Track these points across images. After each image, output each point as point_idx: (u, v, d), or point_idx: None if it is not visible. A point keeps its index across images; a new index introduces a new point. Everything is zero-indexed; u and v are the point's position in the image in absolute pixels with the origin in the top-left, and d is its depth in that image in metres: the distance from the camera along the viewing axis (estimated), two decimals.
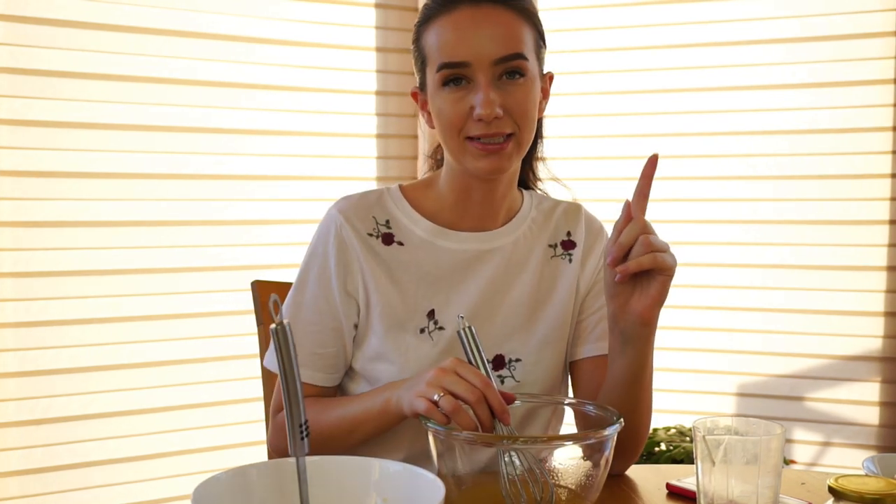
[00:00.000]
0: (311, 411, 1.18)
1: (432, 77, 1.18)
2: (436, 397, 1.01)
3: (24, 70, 2.17)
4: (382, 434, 1.17)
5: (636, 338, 1.14)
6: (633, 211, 1.10)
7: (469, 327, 1.07)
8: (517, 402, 1.16)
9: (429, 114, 1.22)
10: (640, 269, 1.08)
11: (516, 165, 1.25)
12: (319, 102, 2.55)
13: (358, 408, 1.16)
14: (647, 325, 1.13)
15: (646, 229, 1.09)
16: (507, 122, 1.16)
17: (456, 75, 1.15)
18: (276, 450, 1.26)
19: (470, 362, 1.06)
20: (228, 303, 2.41)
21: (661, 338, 2.77)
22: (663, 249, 1.09)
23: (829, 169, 2.50)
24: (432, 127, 1.23)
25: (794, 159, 2.52)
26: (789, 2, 2.50)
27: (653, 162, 1.11)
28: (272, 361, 1.28)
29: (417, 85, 1.24)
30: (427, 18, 1.20)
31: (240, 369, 2.41)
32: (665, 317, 1.16)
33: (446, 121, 1.17)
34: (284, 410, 0.79)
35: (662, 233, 1.11)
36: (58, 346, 2.24)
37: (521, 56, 1.16)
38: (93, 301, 2.28)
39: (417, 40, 1.21)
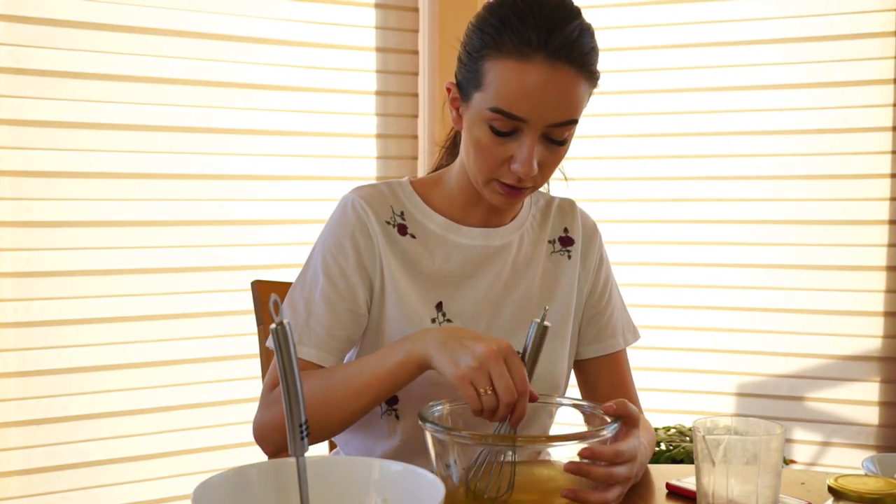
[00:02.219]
0: (311, 381, 1.14)
1: (481, 106, 1.14)
2: (481, 391, 1.00)
3: (24, 70, 2.17)
4: (393, 394, 1.14)
5: None
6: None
7: (545, 325, 1.05)
8: None
9: (458, 112, 1.21)
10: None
11: None
12: (319, 102, 2.55)
13: (368, 366, 1.13)
14: None
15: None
16: (535, 178, 1.16)
17: (507, 124, 1.13)
18: (262, 426, 1.21)
19: (522, 352, 1.06)
20: (228, 303, 2.41)
21: (661, 337, 2.79)
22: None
23: (829, 169, 2.50)
24: (458, 126, 1.23)
25: (795, 159, 2.52)
26: (789, 2, 2.50)
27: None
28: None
29: (456, 83, 1.20)
30: (497, 45, 1.12)
31: (240, 369, 2.41)
32: (665, 316, 1.16)
33: (482, 158, 1.16)
34: (285, 410, 0.79)
35: (662, 233, 1.12)
36: (58, 346, 2.24)
37: (573, 122, 1.15)
38: (93, 301, 2.28)
39: (477, 58, 1.14)
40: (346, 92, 2.59)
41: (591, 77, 1.16)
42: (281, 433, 1.16)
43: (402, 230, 1.26)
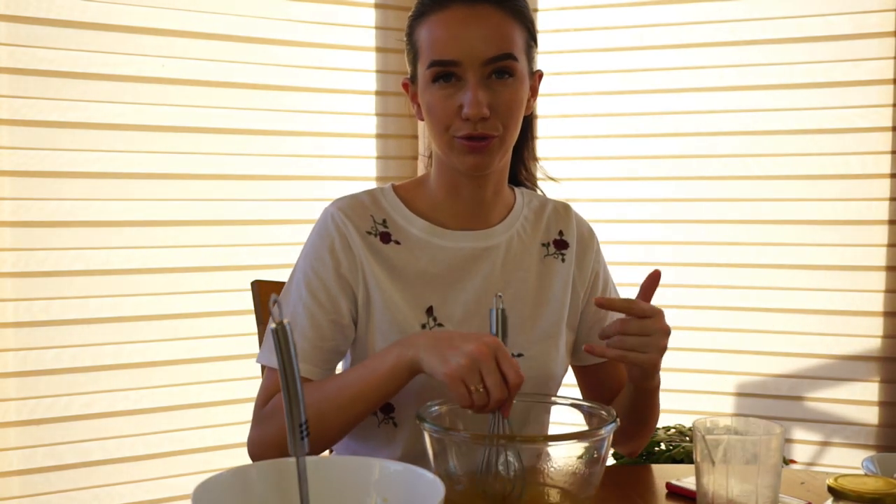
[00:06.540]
0: (305, 392, 1.16)
1: (423, 72, 1.20)
2: (472, 388, 1.00)
3: (24, 70, 2.17)
4: (386, 401, 1.14)
5: (637, 377, 1.23)
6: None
7: (503, 309, 1.07)
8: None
9: (418, 106, 1.25)
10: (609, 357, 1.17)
11: (504, 163, 1.27)
12: (319, 102, 2.55)
13: (359, 375, 1.13)
14: (645, 378, 1.22)
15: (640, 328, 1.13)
16: (493, 123, 1.17)
17: (446, 73, 1.17)
18: (257, 443, 1.22)
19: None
20: (228, 303, 2.41)
21: None
22: (640, 351, 1.13)
23: (830, 169, 2.50)
24: (421, 119, 1.25)
25: (794, 159, 2.52)
26: (789, 2, 2.50)
27: (653, 278, 1.18)
28: (267, 357, 1.26)
29: (409, 77, 1.27)
30: (420, 13, 1.22)
31: (240, 369, 2.41)
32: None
33: (435, 118, 1.19)
34: (285, 410, 0.79)
35: (661, 233, 1.12)
36: (58, 346, 2.24)
37: (510, 56, 1.17)
38: (93, 301, 2.28)
39: (410, 34, 1.25)
40: (346, 92, 2.59)
41: (519, 14, 1.20)
42: (279, 449, 1.17)
43: (386, 238, 1.26)
